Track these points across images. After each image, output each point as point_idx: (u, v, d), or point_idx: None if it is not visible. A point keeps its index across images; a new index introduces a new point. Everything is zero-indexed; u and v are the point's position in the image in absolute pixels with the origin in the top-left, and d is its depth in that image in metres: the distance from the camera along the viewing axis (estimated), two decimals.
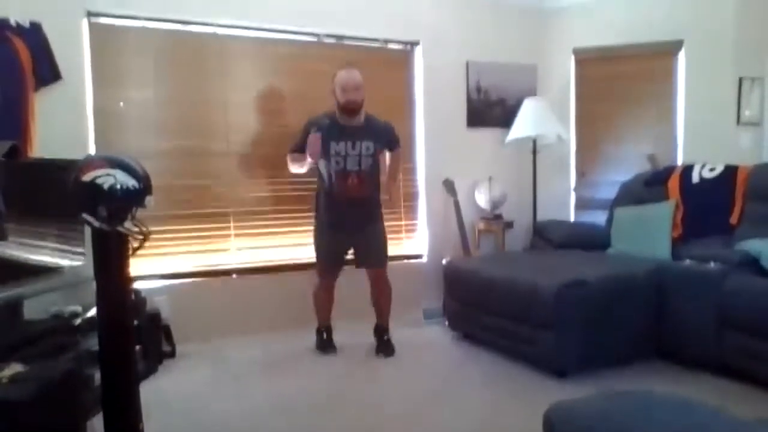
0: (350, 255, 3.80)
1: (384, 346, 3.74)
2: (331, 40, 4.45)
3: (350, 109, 3.54)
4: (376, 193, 3.75)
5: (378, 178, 3.74)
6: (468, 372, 3.47)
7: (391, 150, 3.85)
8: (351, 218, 3.62)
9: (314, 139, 3.45)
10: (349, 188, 3.57)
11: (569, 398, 1.62)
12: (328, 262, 3.75)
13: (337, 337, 3.84)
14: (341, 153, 3.54)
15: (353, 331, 3.92)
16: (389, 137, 3.78)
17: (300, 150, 3.59)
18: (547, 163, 5.05)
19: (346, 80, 3.52)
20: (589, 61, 5.07)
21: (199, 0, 4.02)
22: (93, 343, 2.03)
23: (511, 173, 5.08)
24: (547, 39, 5.20)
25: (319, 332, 3.83)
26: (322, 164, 3.61)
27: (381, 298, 3.80)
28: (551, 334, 3.23)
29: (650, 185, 4.27)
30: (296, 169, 3.71)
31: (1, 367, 1.86)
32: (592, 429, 1.46)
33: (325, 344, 3.77)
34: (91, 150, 3.69)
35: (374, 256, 3.74)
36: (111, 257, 1.96)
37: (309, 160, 3.51)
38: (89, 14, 3.74)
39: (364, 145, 3.57)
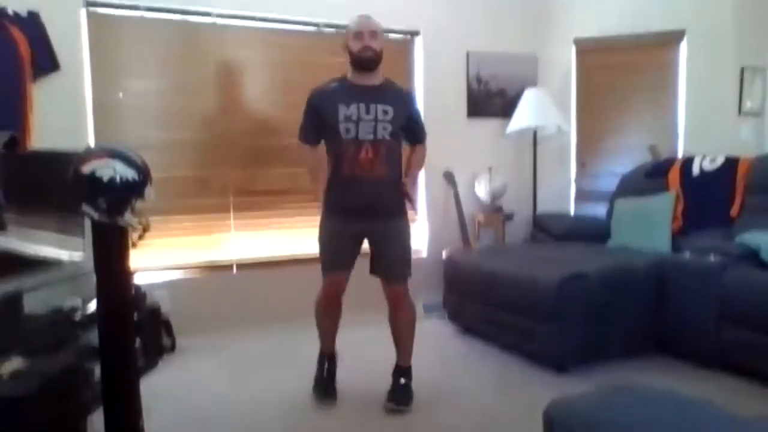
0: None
1: (399, 392, 2.91)
2: (331, 30, 4.42)
3: (366, 59, 2.80)
4: (397, 175, 2.94)
5: (399, 157, 2.98)
6: (468, 366, 3.47)
7: (414, 142, 3.10)
8: (365, 200, 2.83)
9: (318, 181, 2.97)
10: (361, 163, 2.78)
11: (569, 393, 1.62)
12: (337, 256, 2.92)
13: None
14: (352, 117, 2.77)
15: (353, 326, 3.87)
16: (411, 113, 3.01)
17: (310, 136, 2.93)
18: (548, 154, 5.04)
19: (361, 25, 2.85)
20: (590, 52, 5.04)
21: None
22: (93, 337, 2.02)
23: (512, 164, 5.07)
24: (547, 29, 5.17)
25: (320, 362, 3.10)
26: (326, 145, 2.94)
27: (401, 326, 3.00)
28: (551, 328, 3.23)
29: (651, 177, 4.26)
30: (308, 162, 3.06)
31: (1, 362, 1.86)
32: (592, 425, 1.46)
33: (325, 388, 3.03)
34: (91, 141, 3.68)
35: (394, 265, 2.92)
36: (111, 250, 1.96)
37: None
38: (87, 3, 3.71)
39: (381, 109, 2.80)
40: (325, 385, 3.03)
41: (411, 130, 3.02)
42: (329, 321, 3.06)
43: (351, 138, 2.78)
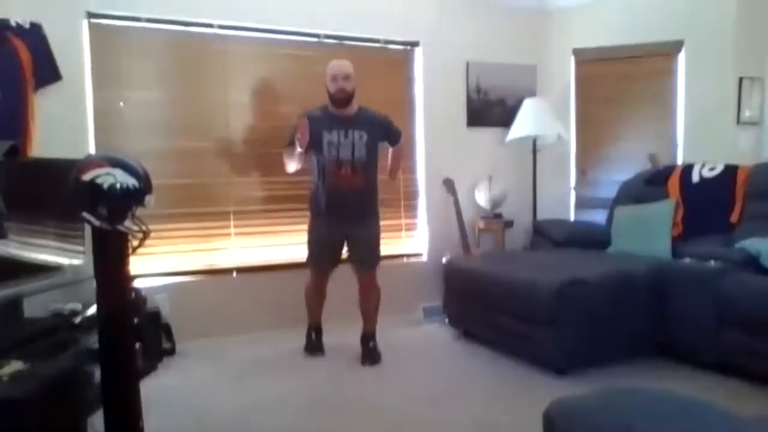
0: (345, 253, 3.73)
1: (369, 354, 3.62)
2: (332, 41, 4.46)
3: (340, 99, 3.49)
4: (372, 186, 3.64)
5: (374, 172, 3.64)
6: (468, 370, 3.47)
7: (392, 144, 3.76)
8: (345, 208, 3.53)
9: (301, 125, 3.38)
10: (342, 178, 3.48)
11: (569, 396, 1.62)
12: (320, 254, 3.65)
13: (331, 337, 3.82)
14: (333, 142, 3.47)
15: (350, 330, 3.84)
16: (387, 130, 3.70)
17: (292, 143, 3.52)
18: (547, 162, 5.06)
19: (336, 69, 3.50)
20: (590, 61, 5.07)
21: (200, 1, 4.03)
22: (93, 340, 2.03)
23: (511, 172, 5.08)
24: (547, 39, 5.21)
25: (308, 333, 3.79)
26: (313, 160, 3.58)
27: (369, 302, 3.72)
28: (551, 332, 3.24)
29: (650, 184, 4.28)
30: (290, 164, 3.61)
31: (1, 365, 1.86)
32: (592, 426, 1.45)
33: (313, 346, 3.73)
34: (91, 150, 3.70)
35: (365, 257, 3.66)
36: (111, 256, 1.96)
37: (298, 150, 3.42)
38: (89, 15, 3.75)
39: (357, 134, 3.50)
40: (315, 345, 3.74)
41: (388, 137, 3.73)
42: (316, 302, 3.77)
43: (333, 158, 3.48)
